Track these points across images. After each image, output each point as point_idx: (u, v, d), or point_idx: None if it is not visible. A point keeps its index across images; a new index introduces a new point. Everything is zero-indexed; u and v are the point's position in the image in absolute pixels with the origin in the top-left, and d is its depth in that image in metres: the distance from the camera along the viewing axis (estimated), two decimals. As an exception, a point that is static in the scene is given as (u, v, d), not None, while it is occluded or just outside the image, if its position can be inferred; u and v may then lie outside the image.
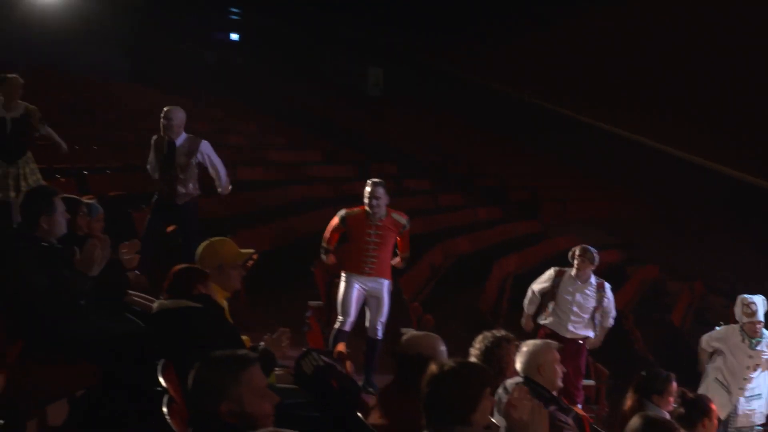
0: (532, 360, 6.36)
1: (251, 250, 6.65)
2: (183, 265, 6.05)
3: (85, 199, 7.67)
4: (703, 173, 30.23)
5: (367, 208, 9.75)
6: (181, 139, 10.35)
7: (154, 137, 10.52)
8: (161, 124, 10.37)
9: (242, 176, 19.15)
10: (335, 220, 10.05)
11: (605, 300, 10.85)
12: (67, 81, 22.72)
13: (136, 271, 7.58)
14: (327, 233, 10.15)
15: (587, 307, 10.75)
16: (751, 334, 10.54)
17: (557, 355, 6.49)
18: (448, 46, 33.82)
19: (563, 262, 11.05)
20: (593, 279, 10.81)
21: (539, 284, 11.07)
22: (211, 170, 10.64)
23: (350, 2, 28.63)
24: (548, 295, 10.91)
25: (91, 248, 6.12)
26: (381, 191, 9.72)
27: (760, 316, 10.58)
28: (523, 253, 21.18)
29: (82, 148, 16.03)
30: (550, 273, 10.98)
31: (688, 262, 26.14)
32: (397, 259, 10.24)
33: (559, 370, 6.44)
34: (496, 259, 18.87)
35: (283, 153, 23.97)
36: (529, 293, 11.16)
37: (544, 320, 10.93)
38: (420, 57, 33.86)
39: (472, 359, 5.98)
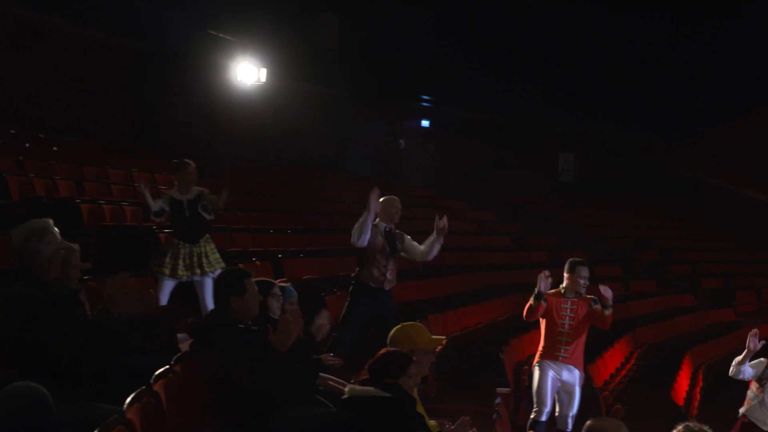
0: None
1: (443, 337, 6.62)
2: (393, 349, 6.08)
3: (280, 283, 7.82)
4: None
5: (561, 288, 9.59)
6: (392, 227, 10.14)
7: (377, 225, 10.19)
8: (389, 214, 10.09)
9: (431, 261, 19.28)
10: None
11: None
12: (266, 169, 23.42)
13: (331, 354, 7.65)
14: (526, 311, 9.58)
15: None
16: None
17: None
18: (642, 135, 33.54)
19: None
20: None
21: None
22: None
23: (541, 94, 28.74)
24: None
25: (285, 324, 6.25)
26: (587, 271, 9.61)
27: None
28: (716, 342, 20.64)
29: (277, 234, 16.44)
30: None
31: None
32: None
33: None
34: (689, 349, 18.43)
35: (471, 238, 24.06)
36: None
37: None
38: (611, 144, 33.60)
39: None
